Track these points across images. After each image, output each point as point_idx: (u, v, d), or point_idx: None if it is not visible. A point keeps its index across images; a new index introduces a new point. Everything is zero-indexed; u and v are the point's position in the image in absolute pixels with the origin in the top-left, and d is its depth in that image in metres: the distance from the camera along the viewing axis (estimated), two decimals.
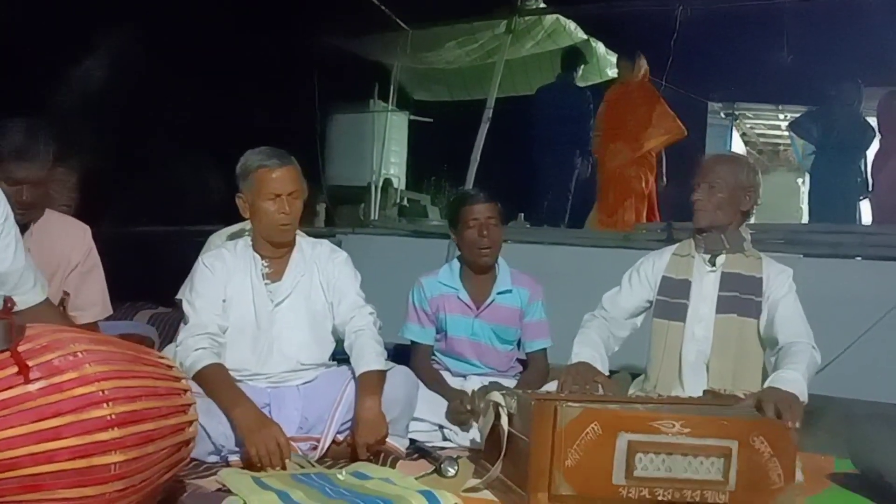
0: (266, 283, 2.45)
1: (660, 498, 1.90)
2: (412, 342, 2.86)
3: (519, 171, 6.60)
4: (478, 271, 2.82)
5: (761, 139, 10.00)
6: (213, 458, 2.19)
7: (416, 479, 2.10)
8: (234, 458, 2.19)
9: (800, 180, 8.04)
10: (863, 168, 5.42)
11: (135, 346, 1.67)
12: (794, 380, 2.14)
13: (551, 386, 2.49)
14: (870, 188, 5.33)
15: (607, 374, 2.42)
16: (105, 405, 1.45)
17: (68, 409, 1.43)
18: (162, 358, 1.71)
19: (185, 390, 1.69)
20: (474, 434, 2.48)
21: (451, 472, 2.20)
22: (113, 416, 1.45)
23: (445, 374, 2.81)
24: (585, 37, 6.80)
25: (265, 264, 2.47)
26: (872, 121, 5.51)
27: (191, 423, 1.66)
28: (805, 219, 6.24)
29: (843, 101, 5.38)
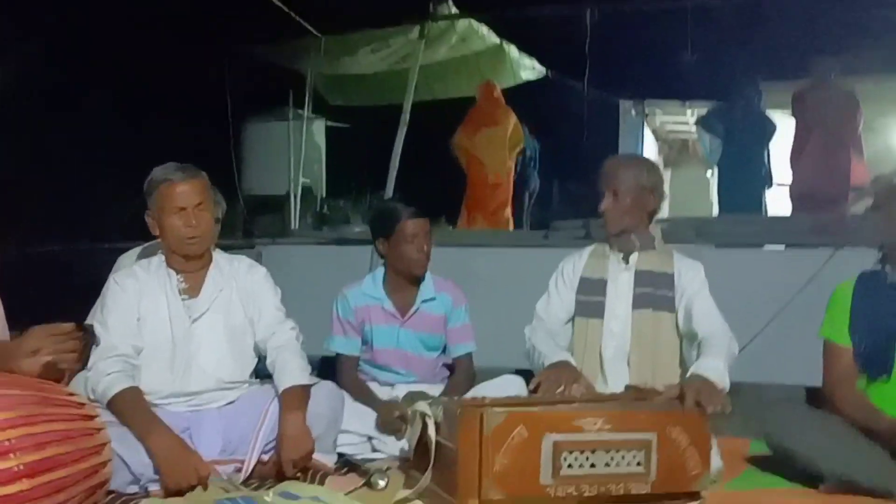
0: (183, 299, 2.38)
1: (586, 494, 1.95)
2: (337, 354, 2.83)
3: (439, 175, 6.64)
4: (412, 283, 2.81)
5: (671, 135, 10.34)
6: (133, 489, 2.09)
7: (346, 494, 2.08)
8: (154, 486, 2.10)
9: (709, 174, 8.34)
10: (766, 160, 5.68)
11: (43, 386, 1.58)
12: (714, 367, 2.21)
13: (482, 389, 2.50)
14: (773, 180, 5.60)
15: None
16: (12, 455, 1.37)
17: None
18: (73, 395, 1.63)
19: (99, 429, 1.61)
20: (404, 443, 2.46)
21: (382, 484, 2.19)
22: (21, 467, 1.37)
23: (373, 385, 2.78)
24: (498, 41, 6.88)
25: (181, 279, 2.40)
26: (774, 114, 5.81)
27: (105, 463, 1.59)
28: (715, 211, 6.48)
29: (744, 97, 5.63)
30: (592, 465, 1.95)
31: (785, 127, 5.78)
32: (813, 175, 5.28)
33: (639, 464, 1.98)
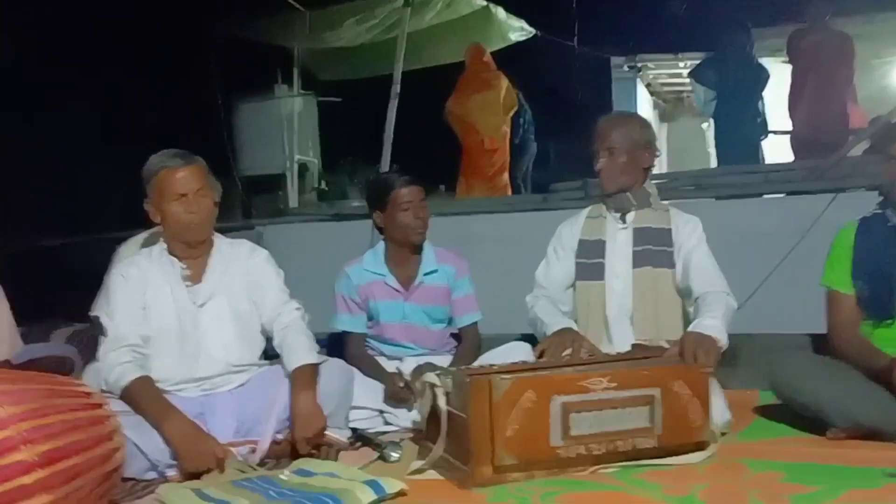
0: (187, 286, 2.39)
1: (595, 452, 1.99)
2: (344, 332, 2.84)
3: (436, 144, 6.60)
4: (412, 251, 2.81)
5: (665, 88, 10.23)
6: (151, 475, 2.13)
7: (360, 468, 2.10)
8: (171, 472, 2.13)
9: (704, 126, 8.29)
10: (761, 109, 5.63)
11: (50, 379, 1.61)
12: (712, 326, 2.24)
13: (489, 357, 2.52)
14: (769, 128, 5.56)
15: None
16: (24, 447, 1.39)
17: None
18: (80, 385, 1.65)
19: (109, 416, 1.64)
20: (415, 414, 2.49)
21: (395, 456, 2.22)
22: (35, 458, 1.40)
23: (381, 360, 2.80)
24: (485, 3, 6.80)
25: (183, 266, 2.40)
26: (768, 61, 5.74)
27: (118, 449, 1.62)
28: (713, 163, 6.46)
29: (736, 46, 5.55)
30: (601, 424, 1.98)
31: (778, 73, 5.73)
32: (811, 119, 5.25)
33: (644, 419, 2.01)
